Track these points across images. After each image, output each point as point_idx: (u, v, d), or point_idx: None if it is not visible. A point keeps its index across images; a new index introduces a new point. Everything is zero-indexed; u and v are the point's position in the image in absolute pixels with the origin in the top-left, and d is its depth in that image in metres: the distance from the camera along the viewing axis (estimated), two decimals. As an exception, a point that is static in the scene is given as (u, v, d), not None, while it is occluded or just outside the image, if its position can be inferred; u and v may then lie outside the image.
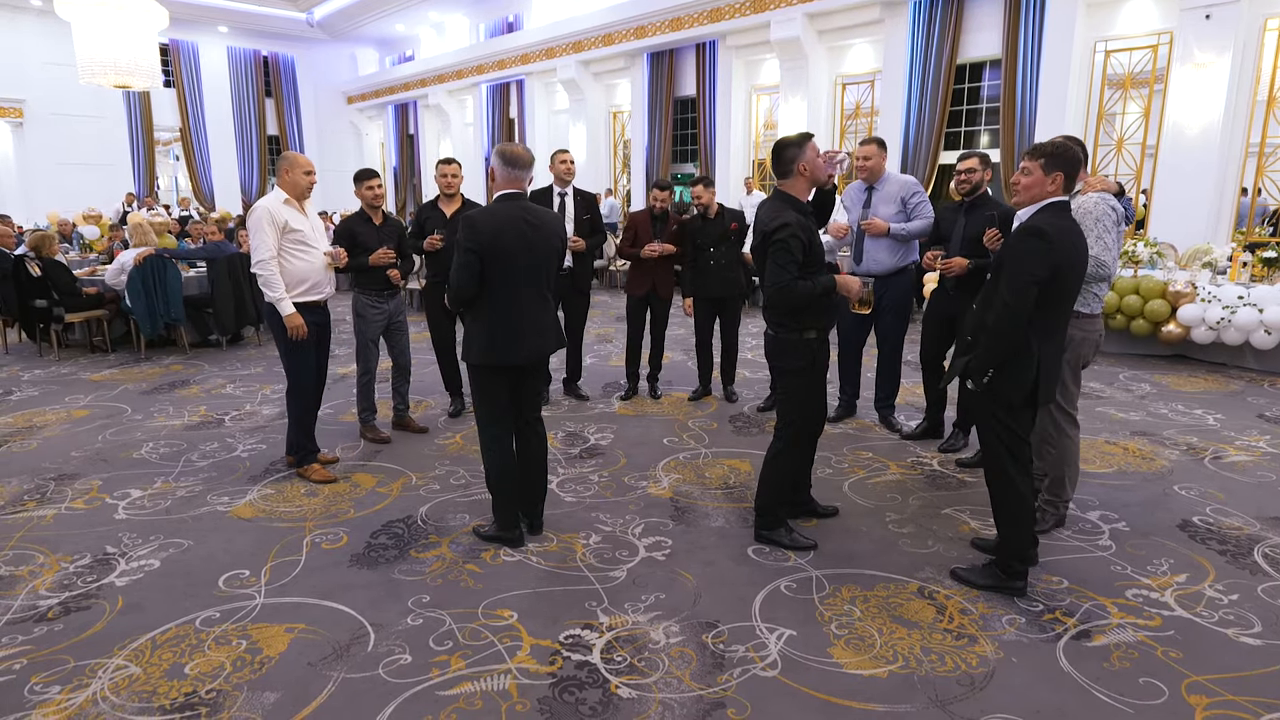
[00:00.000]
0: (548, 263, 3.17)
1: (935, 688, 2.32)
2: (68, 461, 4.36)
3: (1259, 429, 4.82)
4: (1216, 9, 7.83)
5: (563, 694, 2.30)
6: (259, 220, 3.81)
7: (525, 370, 3.24)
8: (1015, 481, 2.77)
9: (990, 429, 2.81)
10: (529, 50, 16.13)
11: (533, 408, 3.35)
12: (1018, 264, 2.61)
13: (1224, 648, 2.52)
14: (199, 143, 20.11)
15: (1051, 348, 2.75)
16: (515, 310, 3.11)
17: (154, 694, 2.30)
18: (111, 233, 10.59)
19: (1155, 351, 6.78)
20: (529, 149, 3.19)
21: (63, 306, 7.09)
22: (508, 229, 3.03)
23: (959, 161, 4.23)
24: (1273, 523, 3.46)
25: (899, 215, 4.51)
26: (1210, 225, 8.17)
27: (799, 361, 3.12)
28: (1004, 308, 2.61)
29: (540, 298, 3.18)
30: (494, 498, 3.30)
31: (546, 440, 3.44)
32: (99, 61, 10.06)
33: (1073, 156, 2.71)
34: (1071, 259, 2.63)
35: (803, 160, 3.04)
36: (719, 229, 5.20)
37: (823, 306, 3.09)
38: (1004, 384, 2.70)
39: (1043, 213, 2.69)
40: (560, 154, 5.25)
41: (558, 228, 3.24)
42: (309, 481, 4.00)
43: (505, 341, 3.11)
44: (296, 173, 3.92)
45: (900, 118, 10.51)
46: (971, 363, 2.73)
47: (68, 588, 2.94)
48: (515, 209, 3.08)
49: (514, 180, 3.11)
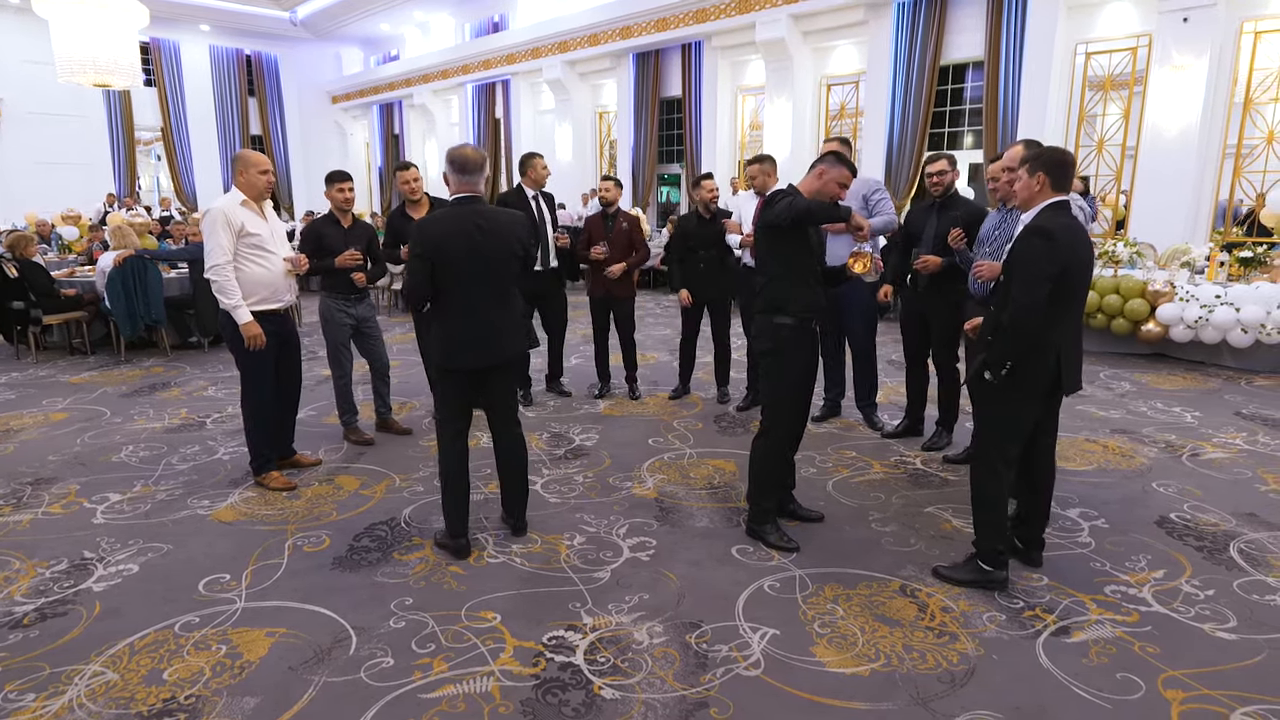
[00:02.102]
0: (504, 266, 3.11)
1: (917, 685, 2.34)
2: (45, 465, 4.31)
3: (1236, 426, 4.88)
4: (1194, 12, 7.93)
5: (546, 695, 2.30)
6: (213, 223, 3.62)
7: (489, 374, 3.19)
8: (1000, 473, 2.83)
9: (988, 421, 2.89)
10: (514, 50, 16.09)
11: (505, 411, 3.31)
12: (1027, 264, 2.69)
13: (1200, 642, 2.55)
14: (181, 142, 19.89)
15: (1069, 339, 2.82)
16: (467, 314, 3.07)
17: (132, 700, 2.28)
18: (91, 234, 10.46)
19: (1135, 350, 6.87)
20: (479, 150, 3.14)
21: (40, 308, 7.00)
22: (455, 233, 3.00)
23: (928, 164, 4.33)
24: (1248, 519, 3.51)
25: (861, 213, 4.56)
26: (1188, 225, 8.27)
27: (768, 343, 3.21)
28: (1019, 306, 2.67)
29: (497, 301, 3.12)
30: (441, 501, 3.23)
31: (524, 444, 3.39)
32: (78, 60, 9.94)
33: (1052, 156, 2.80)
34: (1077, 255, 2.71)
35: (828, 168, 3.15)
36: (713, 231, 5.20)
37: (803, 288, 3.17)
38: (1021, 375, 2.75)
39: (1044, 213, 2.76)
40: (539, 159, 5.24)
41: (516, 229, 3.16)
42: (268, 490, 3.90)
43: (459, 345, 3.08)
44: (252, 172, 3.72)
45: (884, 118, 10.58)
46: (989, 357, 2.78)
47: (44, 593, 2.90)
48: (466, 212, 3.04)
49: (466, 184, 3.09)
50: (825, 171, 3.14)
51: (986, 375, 2.78)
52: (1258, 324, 6.03)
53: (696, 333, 5.54)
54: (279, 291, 3.86)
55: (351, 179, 4.53)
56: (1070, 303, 2.76)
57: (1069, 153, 2.85)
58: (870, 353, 4.86)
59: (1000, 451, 2.83)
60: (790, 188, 3.21)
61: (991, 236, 3.79)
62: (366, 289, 4.59)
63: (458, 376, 3.15)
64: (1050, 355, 2.76)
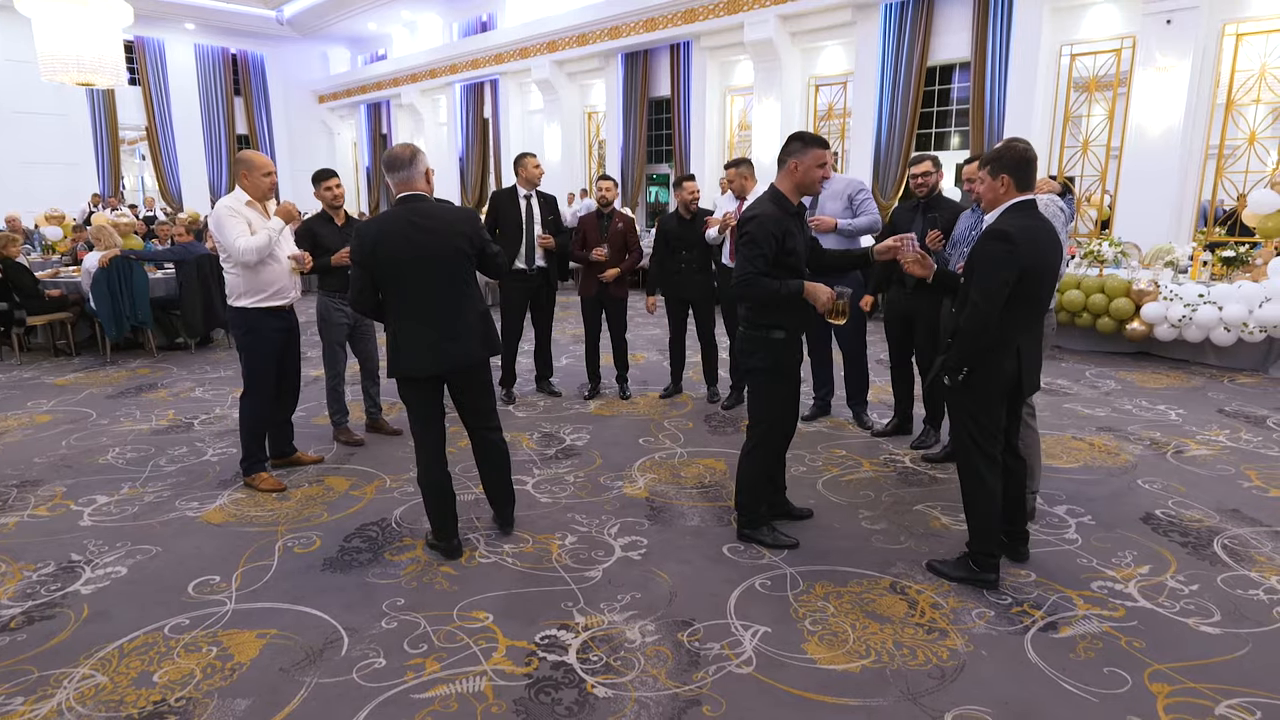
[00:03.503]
0: (451, 265, 2.95)
1: (907, 681, 2.36)
2: (30, 468, 4.26)
3: (1219, 424, 4.95)
4: (1177, 14, 8.01)
5: (538, 694, 2.30)
6: (223, 216, 3.66)
7: (450, 380, 3.09)
8: (984, 476, 2.82)
9: (962, 425, 2.86)
10: (503, 50, 16.05)
11: (478, 416, 3.20)
12: (985, 267, 2.68)
13: (1185, 637, 2.59)
14: (166, 142, 19.71)
15: (1030, 340, 2.82)
16: (415, 318, 2.95)
17: (121, 703, 2.27)
18: (75, 234, 10.35)
19: (1120, 349, 6.94)
20: (408, 145, 3.01)
21: (25, 309, 6.93)
22: (390, 234, 2.89)
23: (913, 165, 4.36)
24: (1232, 514, 3.56)
25: (845, 213, 4.63)
26: (1172, 225, 8.36)
27: (763, 361, 3.10)
28: (974, 309, 2.67)
29: (448, 303, 2.96)
30: (425, 506, 3.22)
31: (503, 446, 3.29)
32: (61, 58, 9.84)
33: (1014, 156, 2.73)
34: (1039, 257, 2.69)
35: (798, 159, 2.96)
36: (695, 232, 5.22)
37: (793, 307, 3.04)
38: (980, 378, 2.75)
39: (1007, 214, 2.74)
40: (530, 158, 5.26)
41: (461, 225, 2.98)
42: (257, 491, 3.88)
43: (408, 352, 2.96)
44: (256, 175, 3.76)
45: (872, 119, 10.63)
46: (947, 360, 2.78)
47: (31, 597, 2.88)
48: (402, 212, 2.92)
49: (403, 182, 2.96)
50: (798, 164, 2.96)
51: (945, 380, 2.79)
52: (1240, 322, 6.10)
53: (683, 332, 5.57)
54: (284, 289, 3.91)
55: (338, 175, 4.54)
56: (1033, 304, 2.74)
57: (1030, 150, 2.75)
58: (860, 353, 4.90)
59: (980, 454, 2.82)
60: (767, 193, 3.06)
61: (967, 238, 3.82)
62: None
63: (415, 384, 3.02)
64: (1010, 357, 2.75)
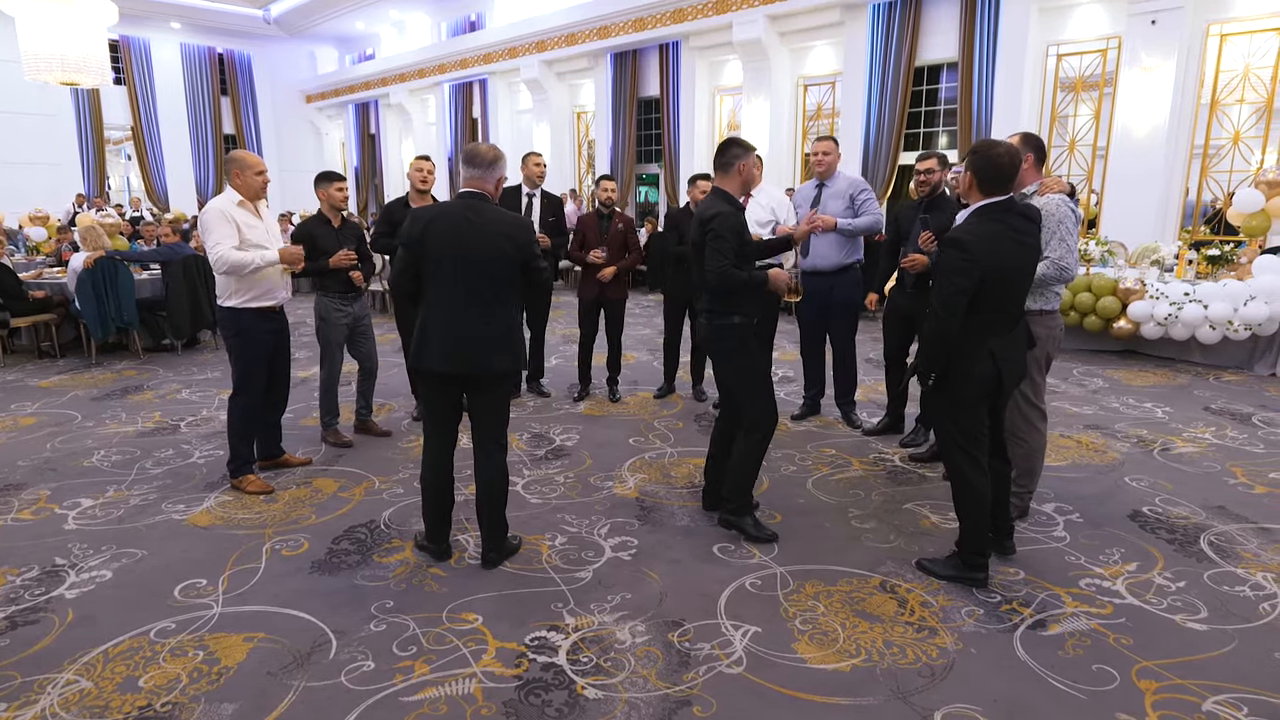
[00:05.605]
0: (492, 268, 2.90)
1: (897, 680, 2.36)
2: (14, 471, 4.21)
3: (1205, 421, 4.99)
4: (1162, 15, 8.09)
5: (528, 696, 2.29)
6: (212, 219, 3.65)
7: (465, 384, 2.99)
8: (970, 478, 2.83)
9: (944, 427, 2.88)
10: (491, 50, 16.02)
11: (486, 431, 3.04)
12: (942, 275, 2.72)
13: (1172, 633, 2.60)
14: (151, 141, 19.58)
15: (1006, 342, 2.80)
16: (441, 313, 2.91)
17: (106, 709, 2.24)
18: (59, 234, 10.26)
19: (1107, 347, 6.99)
20: (494, 146, 3.05)
21: (8, 311, 6.85)
22: (440, 224, 2.89)
23: (918, 162, 4.35)
24: (1218, 511, 3.58)
25: (847, 212, 4.63)
26: (1158, 224, 8.43)
27: (731, 342, 3.25)
28: (933, 317, 2.71)
29: (478, 306, 2.91)
30: (421, 505, 3.19)
31: (505, 475, 3.08)
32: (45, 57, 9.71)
33: (984, 158, 2.70)
34: (997, 262, 2.65)
35: (743, 161, 3.20)
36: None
37: (753, 294, 3.22)
38: (953, 382, 2.78)
39: (970, 218, 2.76)
40: (532, 155, 5.28)
41: (508, 229, 2.93)
42: (244, 493, 3.85)
43: (427, 344, 2.93)
44: (248, 174, 3.76)
45: (861, 118, 10.67)
46: (915, 366, 2.83)
47: (14, 601, 2.84)
48: (459, 205, 2.93)
49: (472, 179, 2.99)
50: (744, 165, 3.19)
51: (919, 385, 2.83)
52: (1225, 320, 6.16)
53: (679, 334, 5.55)
54: (275, 289, 3.90)
55: (345, 179, 4.59)
56: (1003, 305, 2.75)
57: (1005, 156, 2.66)
58: (852, 345, 4.91)
59: (964, 456, 2.83)
60: (713, 194, 3.21)
61: None
62: (362, 288, 4.60)
63: (430, 380, 3.01)
64: (982, 360, 2.75)
